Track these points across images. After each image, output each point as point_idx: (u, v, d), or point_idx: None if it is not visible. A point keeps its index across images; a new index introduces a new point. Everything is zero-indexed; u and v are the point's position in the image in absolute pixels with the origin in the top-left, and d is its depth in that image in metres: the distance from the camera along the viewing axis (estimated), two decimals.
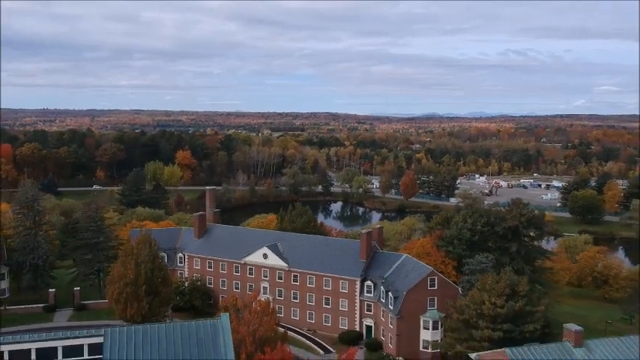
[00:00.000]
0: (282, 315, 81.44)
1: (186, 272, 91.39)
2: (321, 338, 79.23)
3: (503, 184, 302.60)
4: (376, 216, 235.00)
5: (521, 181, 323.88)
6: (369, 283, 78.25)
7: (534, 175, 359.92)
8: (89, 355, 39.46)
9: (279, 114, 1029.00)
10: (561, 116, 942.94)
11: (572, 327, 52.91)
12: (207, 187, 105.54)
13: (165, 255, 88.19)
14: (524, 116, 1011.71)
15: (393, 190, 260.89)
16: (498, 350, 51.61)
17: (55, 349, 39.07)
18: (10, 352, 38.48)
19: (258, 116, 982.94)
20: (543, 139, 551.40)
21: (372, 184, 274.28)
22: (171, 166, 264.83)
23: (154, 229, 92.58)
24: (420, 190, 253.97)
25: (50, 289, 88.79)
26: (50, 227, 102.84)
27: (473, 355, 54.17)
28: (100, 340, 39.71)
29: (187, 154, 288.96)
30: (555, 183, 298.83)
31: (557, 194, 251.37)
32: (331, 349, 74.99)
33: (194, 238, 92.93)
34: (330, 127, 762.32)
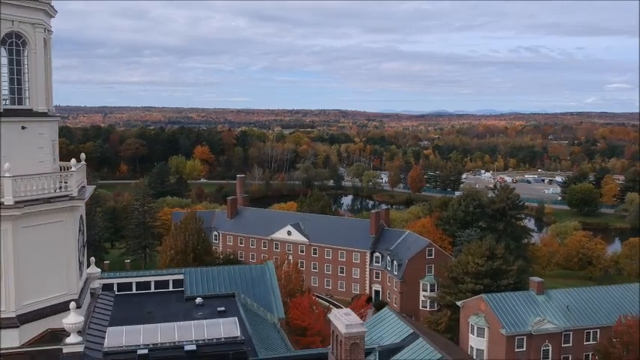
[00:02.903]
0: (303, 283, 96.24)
1: (221, 248, 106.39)
2: (337, 301, 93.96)
3: (508, 179, 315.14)
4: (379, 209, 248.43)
5: (526, 176, 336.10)
6: (377, 254, 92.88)
7: (539, 170, 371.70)
8: (173, 287, 54.27)
9: (289, 111, 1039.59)
10: (572, 114, 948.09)
11: (536, 279, 67.53)
12: (238, 175, 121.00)
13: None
14: (534, 113, 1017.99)
15: (401, 185, 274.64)
16: (477, 297, 66.19)
17: (149, 282, 53.92)
18: (118, 284, 53.31)
19: (268, 113, 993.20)
20: (550, 137, 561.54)
21: (381, 178, 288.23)
22: (192, 160, 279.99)
23: (194, 211, 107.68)
24: (427, 185, 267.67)
25: (105, 261, 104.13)
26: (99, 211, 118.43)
27: (459, 303, 68.69)
28: (181, 276, 54.55)
29: (205, 150, 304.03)
30: (558, 178, 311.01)
31: (558, 189, 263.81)
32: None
33: (227, 219, 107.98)
34: (340, 125, 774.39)
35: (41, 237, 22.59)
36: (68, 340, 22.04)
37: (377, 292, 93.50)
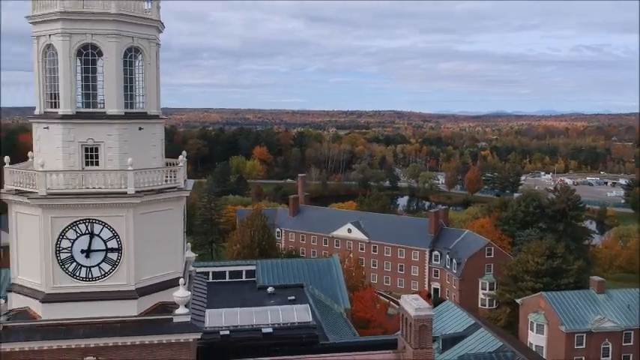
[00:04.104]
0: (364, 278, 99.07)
1: (283, 244, 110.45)
2: (396, 298, 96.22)
3: (569, 181, 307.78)
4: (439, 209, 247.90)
5: (587, 178, 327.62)
6: (436, 252, 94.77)
7: (601, 173, 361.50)
8: (246, 277, 58.11)
9: (344, 112, 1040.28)
10: (636, 114, 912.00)
11: (596, 278, 68.11)
12: (299, 175, 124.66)
13: None
14: (597, 114, 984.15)
15: (458, 186, 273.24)
16: (536, 294, 67.36)
17: (224, 272, 57.95)
18: (196, 273, 57.45)
19: (323, 114, 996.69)
20: (614, 138, 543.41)
21: (438, 179, 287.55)
22: (252, 160, 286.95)
23: (259, 208, 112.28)
24: (485, 186, 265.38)
25: None
26: None
27: (518, 300, 70.00)
28: (253, 267, 58.35)
29: (264, 150, 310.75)
30: (622, 181, 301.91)
31: (622, 191, 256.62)
32: None
33: (289, 216, 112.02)
34: (395, 126, 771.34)
35: (155, 222, 26.21)
36: (177, 311, 25.65)
37: (436, 289, 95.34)
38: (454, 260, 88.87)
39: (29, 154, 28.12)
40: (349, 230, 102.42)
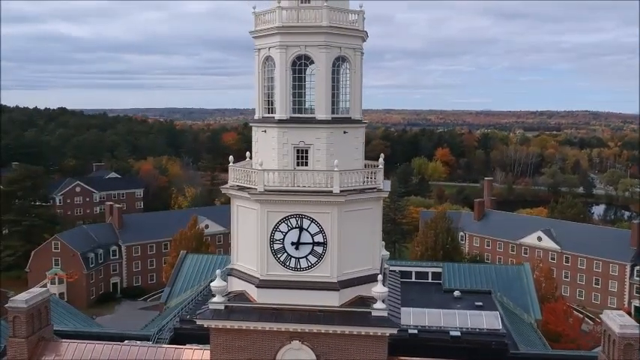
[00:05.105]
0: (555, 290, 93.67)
1: (467, 248, 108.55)
2: (591, 313, 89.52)
3: None
4: None
5: None
6: (639, 268, 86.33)
7: None
8: (432, 279, 58.46)
9: (532, 112, 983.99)
10: None
11: None
12: (486, 178, 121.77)
13: None
14: None
15: None
16: None
17: (411, 272, 58.81)
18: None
19: (509, 115, 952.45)
20: None
21: None
22: (434, 162, 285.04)
23: (444, 210, 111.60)
24: None
25: None
26: None
27: None
28: (439, 269, 58.54)
29: (446, 152, 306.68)
30: None
31: None
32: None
33: (473, 220, 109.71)
34: (590, 127, 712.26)
35: (356, 220, 27.85)
36: (376, 305, 27.03)
37: (637, 308, 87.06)
38: None
39: (247, 153, 31.42)
40: (539, 238, 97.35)
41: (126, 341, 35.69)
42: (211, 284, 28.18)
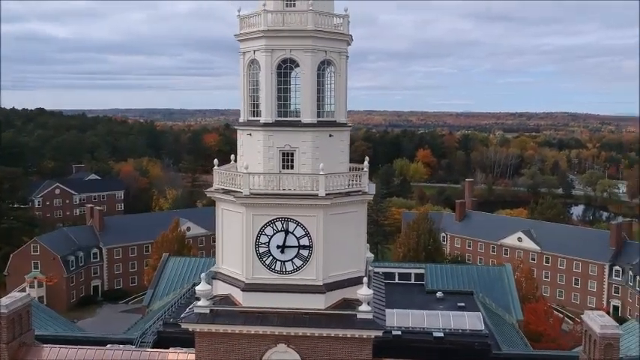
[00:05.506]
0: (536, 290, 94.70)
1: (448, 249, 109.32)
2: (570, 313, 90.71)
3: None
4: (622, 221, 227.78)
5: None
6: (617, 268, 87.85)
7: None
8: (415, 280, 58.82)
9: (512, 114, 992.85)
10: None
11: None
12: (467, 180, 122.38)
13: None
14: None
15: None
16: None
17: (394, 273, 59.15)
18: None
19: (489, 116, 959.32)
20: None
21: (618, 188, 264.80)
22: (416, 163, 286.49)
23: (426, 212, 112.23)
24: None
25: None
26: None
27: None
28: (422, 271, 58.93)
29: (427, 153, 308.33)
30: None
31: None
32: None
33: (454, 221, 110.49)
34: (569, 128, 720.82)
35: (341, 223, 27.94)
36: (361, 308, 27.15)
37: (615, 307, 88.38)
38: (638, 277, 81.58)
39: (232, 156, 31.35)
40: (519, 239, 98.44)
41: (108, 345, 35.43)
42: (196, 288, 28.10)
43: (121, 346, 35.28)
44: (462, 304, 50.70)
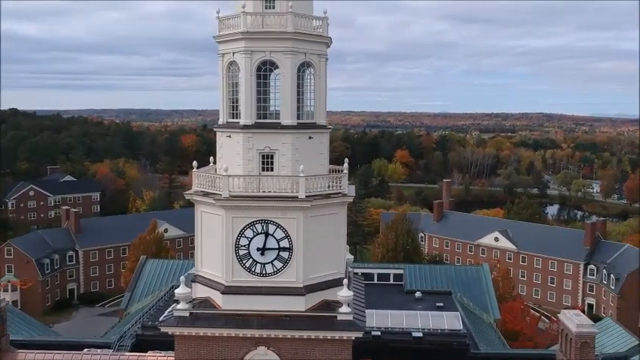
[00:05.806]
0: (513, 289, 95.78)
1: (426, 249, 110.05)
2: (547, 311, 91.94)
3: None
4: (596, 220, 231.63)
5: None
6: (592, 266, 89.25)
7: None
8: (393, 280, 59.07)
9: (488, 115, 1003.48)
10: None
11: None
12: (445, 180, 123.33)
13: None
14: None
15: (616, 195, 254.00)
16: None
17: (373, 274, 59.27)
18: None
19: (465, 117, 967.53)
20: None
21: (592, 188, 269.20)
22: (394, 163, 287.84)
23: (404, 212, 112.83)
24: None
25: None
26: None
27: None
28: (401, 271, 59.23)
29: (405, 154, 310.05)
30: None
31: None
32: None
33: (432, 221, 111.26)
34: (544, 129, 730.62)
35: (321, 225, 27.95)
36: (341, 309, 27.20)
37: (590, 305, 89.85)
38: (612, 276, 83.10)
39: (211, 158, 31.17)
40: (496, 239, 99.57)
41: (85, 349, 34.93)
42: (176, 291, 27.87)
43: (99, 350, 34.82)
44: (441, 304, 51.09)
